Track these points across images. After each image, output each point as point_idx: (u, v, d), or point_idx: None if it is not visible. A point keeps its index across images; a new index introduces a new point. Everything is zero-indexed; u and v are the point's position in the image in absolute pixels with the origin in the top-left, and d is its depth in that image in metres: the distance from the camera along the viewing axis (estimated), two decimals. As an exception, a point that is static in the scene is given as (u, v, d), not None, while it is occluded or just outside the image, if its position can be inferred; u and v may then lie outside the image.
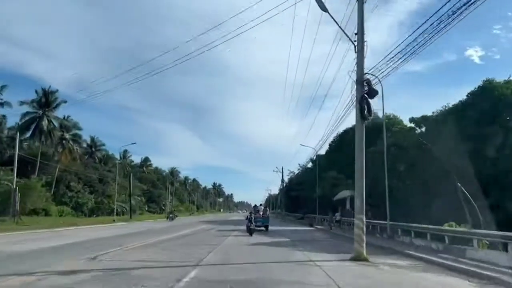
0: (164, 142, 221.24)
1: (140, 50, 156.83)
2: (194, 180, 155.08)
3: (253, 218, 23.39)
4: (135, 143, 77.93)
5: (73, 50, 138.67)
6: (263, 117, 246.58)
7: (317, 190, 43.23)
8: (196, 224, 36.79)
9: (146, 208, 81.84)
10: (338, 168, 39.25)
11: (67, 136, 50.01)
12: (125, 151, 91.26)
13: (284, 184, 76.64)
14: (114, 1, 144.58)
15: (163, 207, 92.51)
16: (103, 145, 75.77)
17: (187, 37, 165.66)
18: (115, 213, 48.10)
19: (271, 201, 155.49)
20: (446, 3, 9.28)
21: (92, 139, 73.89)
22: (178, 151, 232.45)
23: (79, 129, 51.99)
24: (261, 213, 28.04)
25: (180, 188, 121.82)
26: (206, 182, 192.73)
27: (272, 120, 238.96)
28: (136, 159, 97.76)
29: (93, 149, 72.64)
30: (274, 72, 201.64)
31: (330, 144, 50.37)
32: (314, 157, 45.65)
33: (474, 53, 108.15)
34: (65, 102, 47.02)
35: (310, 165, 53.95)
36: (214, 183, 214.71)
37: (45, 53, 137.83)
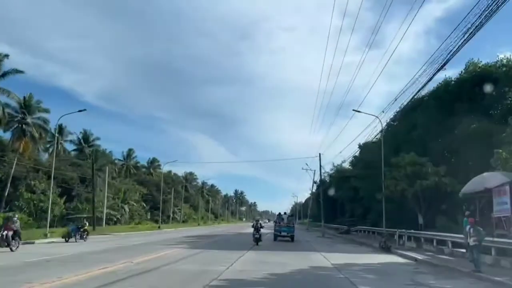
0: (190, 151, 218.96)
1: (170, 61, 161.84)
2: (212, 186, 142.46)
3: (276, 226, 26.07)
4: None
5: (104, 62, 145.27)
6: (290, 127, 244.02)
7: (383, 184, 24.08)
8: (148, 249, 18.10)
9: (149, 216, 69.45)
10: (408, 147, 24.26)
11: (29, 120, 38.13)
12: (130, 150, 79.87)
13: (317, 186, 61.87)
14: (144, 13, 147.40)
15: (173, 215, 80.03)
16: (97, 139, 64.21)
17: (216, 48, 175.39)
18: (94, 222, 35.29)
19: (297, 210, 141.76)
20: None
21: (85, 132, 62.51)
22: (203, 160, 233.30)
23: (46, 111, 39.82)
24: (286, 221, 26.75)
25: (194, 195, 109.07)
26: (230, 191, 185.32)
27: (299, 130, 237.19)
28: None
29: (85, 144, 61.10)
30: (301, 82, 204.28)
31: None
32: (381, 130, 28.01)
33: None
34: (20, 71, 34.84)
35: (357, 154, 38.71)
36: (236, 190, 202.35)
37: (76, 66, 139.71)
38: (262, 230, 22.94)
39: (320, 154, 39.88)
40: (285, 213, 30.35)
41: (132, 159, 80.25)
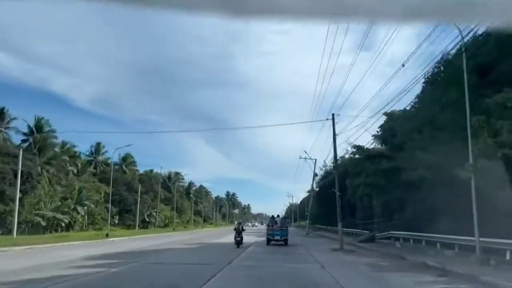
0: (184, 154, 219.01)
1: (163, 65, 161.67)
2: (201, 187, 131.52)
3: (268, 229, 25.60)
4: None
5: (97, 67, 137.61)
6: (284, 130, 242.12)
7: (471, 152, 12.84)
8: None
9: (116, 220, 58.55)
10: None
11: None
12: (99, 144, 68.93)
13: (321, 177, 51.05)
14: (136, 17, 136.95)
15: (148, 219, 69.14)
16: (53, 132, 53.03)
17: (208, 50, 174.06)
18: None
19: (292, 211, 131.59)
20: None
21: (38, 120, 51.41)
22: (198, 164, 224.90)
23: None
24: (279, 224, 25.77)
25: (179, 197, 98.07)
26: (223, 193, 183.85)
27: (293, 133, 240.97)
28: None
29: (38, 134, 50.01)
30: (294, 85, 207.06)
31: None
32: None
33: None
34: None
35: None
36: (227, 192, 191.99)
37: (69, 70, 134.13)
38: (256, 238, 23.55)
39: (333, 115, 27.34)
40: (278, 215, 28.06)
41: (101, 155, 69.46)
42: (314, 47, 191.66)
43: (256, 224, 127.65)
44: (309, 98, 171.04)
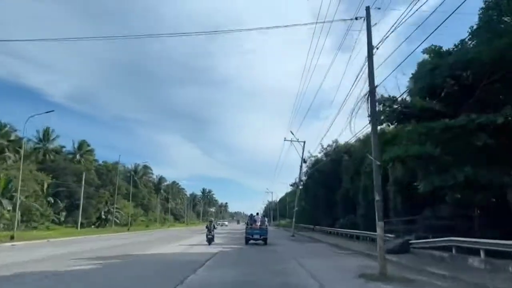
0: (162, 152, 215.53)
1: (141, 61, 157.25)
2: (173, 183, 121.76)
3: (247, 228, 24.71)
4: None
5: (74, 62, 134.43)
6: (264, 129, 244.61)
7: None
8: None
9: (63, 218, 48.80)
10: None
11: None
12: (47, 130, 58.57)
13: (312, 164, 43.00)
14: (115, 13, 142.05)
15: (106, 216, 59.48)
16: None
17: (188, 48, 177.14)
18: None
19: (271, 210, 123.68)
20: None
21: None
22: (176, 162, 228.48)
23: None
24: (258, 223, 24.71)
25: (147, 192, 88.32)
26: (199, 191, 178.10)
27: (273, 132, 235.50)
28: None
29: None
30: (275, 84, 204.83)
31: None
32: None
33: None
34: None
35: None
36: (203, 189, 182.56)
37: (45, 65, 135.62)
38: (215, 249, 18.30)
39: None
40: (257, 213, 26.95)
41: (52, 141, 59.17)
42: (294, 47, 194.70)
43: (226, 222, 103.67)
44: (289, 97, 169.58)
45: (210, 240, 22.97)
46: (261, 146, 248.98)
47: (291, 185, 59.30)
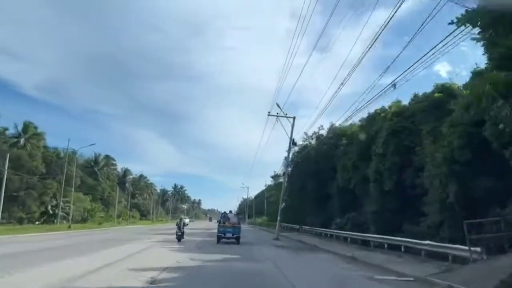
0: (136, 148, 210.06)
1: (115, 54, 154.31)
2: (141, 176, 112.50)
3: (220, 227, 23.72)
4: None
5: (46, 53, 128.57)
6: (240, 126, 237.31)
7: None
8: None
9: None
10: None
11: None
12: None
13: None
14: (90, 3, 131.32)
15: (54, 211, 50.39)
16: None
17: (165, 43, 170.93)
18: None
19: (246, 206, 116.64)
20: None
21: None
22: (149, 158, 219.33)
23: None
24: (231, 221, 23.80)
25: (106, 185, 79.11)
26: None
27: (248, 130, 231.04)
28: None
29: None
30: (253, 82, 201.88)
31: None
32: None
33: (442, 68, 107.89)
34: None
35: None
36: (175, 185, 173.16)
37: (16, 55, 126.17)
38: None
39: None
40: (230, 211, 27.00)
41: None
42: (273, 45, 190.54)
43: (186, 220, 79.07)
44: (266, 95, 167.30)
45: (179, 238, 23.47)
46: (237, 143, 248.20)
47: (272, 177, 52.26)
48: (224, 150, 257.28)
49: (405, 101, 22.32)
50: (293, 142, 25.59)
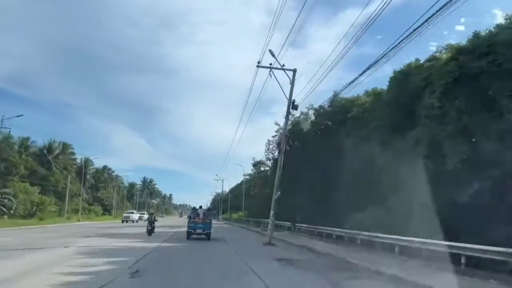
0: (107, 141, 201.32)
1: (86, 45, 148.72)
2: (105, 168, 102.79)
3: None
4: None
5: (14, 43, 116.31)
6: (213, 122, 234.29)
7: None
8: None
9: None
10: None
11: None
12: None
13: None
14: None
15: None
16: None
17: (137, 35, 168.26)
18: None
19: (220, 200, 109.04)
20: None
21: None
22: (121, 152, 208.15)
23: None
24: (202, 217, 22.96)
25: (59, 175, 69.56)
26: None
27: (223, 125, 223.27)
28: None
29: None
30: (227, 77, 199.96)
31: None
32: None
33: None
34: None
35: None
36: (144, 178, 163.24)
37: None
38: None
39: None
40: (201, 207, 25.15)
41: None
42: (249, 41, 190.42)
43: (134, 216, 60.22)
44: (241, 90, 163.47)
45: (150, 232, 24.29)
46: (211, 138, 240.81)
47: (254, 165, 45.00)
48: (198, 145, 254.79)
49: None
50: (293, 105, 18.11)
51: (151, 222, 24.85)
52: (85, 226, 39.75)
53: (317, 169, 25.16)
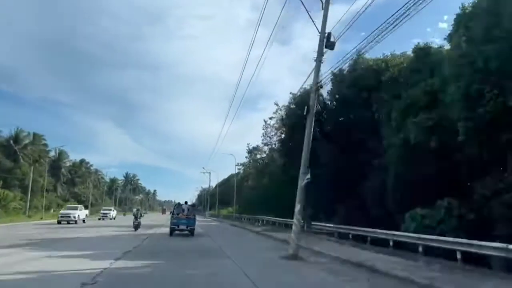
0: (92, 138, 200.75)
1: (71, 41, 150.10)
2: (83, 161, 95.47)
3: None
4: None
5: None
6: (199, 118, 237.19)
7: None
8: None
9: None
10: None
11: None
12: None
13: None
14: None
15: None
16: None
17: (122, 30, 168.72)
18: None
19: (208, 195, 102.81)
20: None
21: None
22: (105, 149, 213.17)
23: None
24: (186, 212, 22.27)
25: (27, 167, 62.33)
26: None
27: (208, 121, 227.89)
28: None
29: None
30: (213, 73, 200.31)
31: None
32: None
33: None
34: None
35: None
36: (126, 173, 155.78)
37: None
38: None
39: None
40: (186, 202, 24.23)
41: None
42: (235, 36, 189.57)
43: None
44: (227, 86, 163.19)
45: (136, 227, 25.48)
46: (197, 134, 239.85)
47: (249, 152, 38.97)
48: (183, 142, 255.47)
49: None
50: (327, 41, 11.90)
51: (137, 217, 26.04)
52: (37, 226, 31.86)
53: (339, 148, 19.48)
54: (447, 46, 15.00)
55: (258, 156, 37.44)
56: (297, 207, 12.04)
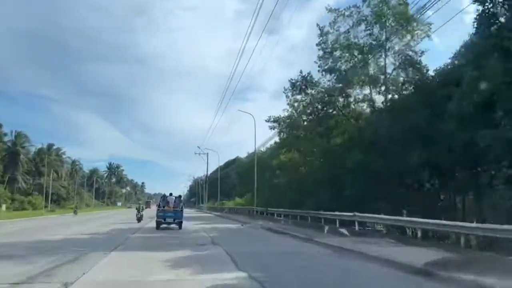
0: (79, 132, 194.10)
1: (55, 34, 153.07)
2: (50, 148, 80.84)
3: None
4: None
5: None
6: (187, 111, 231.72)
7: None
8: None
9: None
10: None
11: None
12: None
13: None
14: None
15: None
16: None
17: (107, 23, 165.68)
18: None
19: (199, 186, 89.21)
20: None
21: None
22: (93, 143, 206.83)
23: None
24: (172, 205, 21.32)
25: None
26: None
27: (197, 114, 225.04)
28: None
29: None
30: (200, 65, 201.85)
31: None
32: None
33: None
34: None
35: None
36: (109, 164, 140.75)
37: None
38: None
39: None
40: (171, 194, 23.02)
41: None
42: (222, 28, 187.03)
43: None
44: (215, 78, 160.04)
45: (139, 219, 26.84)
46: (185, 127, 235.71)
47: (272, 121, 25.29)
48: (172, 135, 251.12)
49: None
50: None
51: (140, 210, 28.13)
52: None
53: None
54: None
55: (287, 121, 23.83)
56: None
